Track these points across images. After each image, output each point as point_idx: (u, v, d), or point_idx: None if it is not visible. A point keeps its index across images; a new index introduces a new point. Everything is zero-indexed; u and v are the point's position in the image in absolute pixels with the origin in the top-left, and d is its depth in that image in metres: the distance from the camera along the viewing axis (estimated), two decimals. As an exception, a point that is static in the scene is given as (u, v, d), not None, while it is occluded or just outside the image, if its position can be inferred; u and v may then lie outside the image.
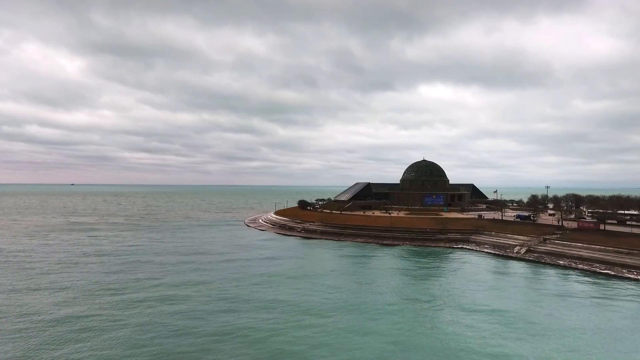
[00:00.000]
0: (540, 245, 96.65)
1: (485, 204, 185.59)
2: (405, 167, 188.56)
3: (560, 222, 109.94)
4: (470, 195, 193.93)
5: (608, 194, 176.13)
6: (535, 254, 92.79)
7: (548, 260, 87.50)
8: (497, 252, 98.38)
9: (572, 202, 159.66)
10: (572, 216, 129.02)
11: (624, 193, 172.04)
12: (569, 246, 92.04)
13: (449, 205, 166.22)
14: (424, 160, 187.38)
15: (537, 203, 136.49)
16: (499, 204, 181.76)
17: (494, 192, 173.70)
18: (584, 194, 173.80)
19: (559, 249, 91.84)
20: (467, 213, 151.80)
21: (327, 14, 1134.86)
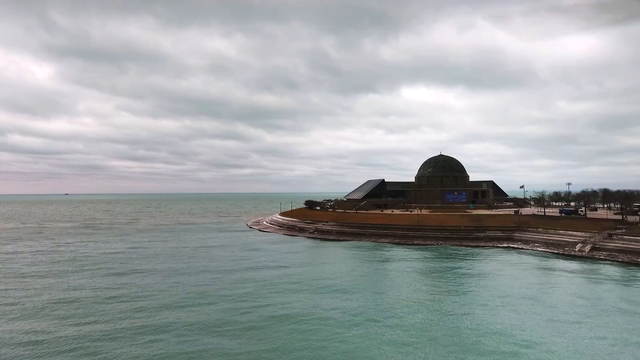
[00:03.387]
0: (607, 242, 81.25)
1: (507, 201, 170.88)
2: (398, 172, 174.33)
3: (623, 216, 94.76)
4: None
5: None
6: (604, 252, 77.36)
7: (625, 259, 72.12)
8: (554, 251, 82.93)
9: (600, 196, 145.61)
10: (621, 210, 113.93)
11: None
12: (646, 242, 76.71)
13: (473, 202, 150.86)
14: (441, 155, 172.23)
15: (585, 198, 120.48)
16: (523, 201, 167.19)
17: (521, 187, 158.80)
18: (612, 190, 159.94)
19: (634, 246, 76.42)
20: (495, 210, 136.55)
21: (295, 12, 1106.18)
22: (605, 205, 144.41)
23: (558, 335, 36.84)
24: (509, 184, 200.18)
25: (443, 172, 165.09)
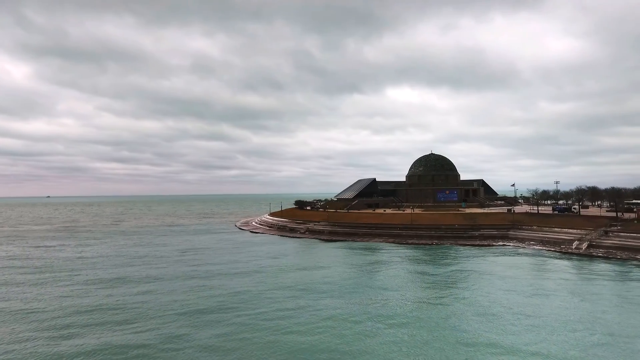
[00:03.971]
0: (604, 239, 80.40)
1: (498, 199, 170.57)
2: (385, 173, 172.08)
3: (617, 213, 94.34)
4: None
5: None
6: (602, 249, 76.39)
7: (624, 256, 71.15)
8: (550, 249, 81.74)
9: (588, 194, 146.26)
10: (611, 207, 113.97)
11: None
12: (643, 238, 75.90)
13: (464, 200, 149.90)
14: (432, 154, 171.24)
15: (579, 195, 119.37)
16: (514, 199, 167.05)
17: (512, 185, 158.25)
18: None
19: (631, 243, 75.61)
20: (487, 209, 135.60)
21: (277, 11, 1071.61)
22: (595, 203, 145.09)
23: (568, 335, 34.73)
24: (495, 184, 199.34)
25: (434, 170, 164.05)
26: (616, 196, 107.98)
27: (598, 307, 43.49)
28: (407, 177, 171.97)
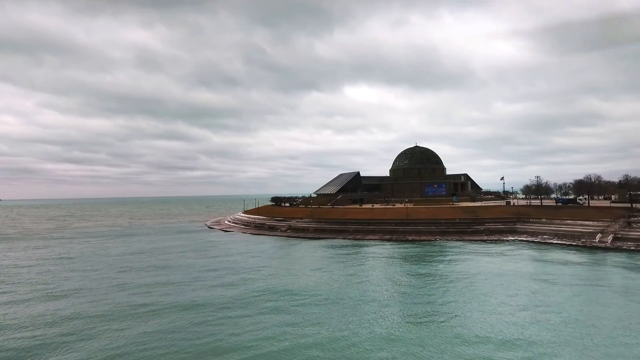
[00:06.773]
0: (629, 231, 72.09)
1: (485, 194, 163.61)
2: (353, 172, 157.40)
3: (632, 204, 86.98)
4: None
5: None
6: (631, 242, 67.81)
7: (660, 249, 62.59)
8: (570, 243, 72.60)
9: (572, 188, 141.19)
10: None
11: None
12: (674, 229, 67.96)
13: (454, 194, 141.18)
14: (417, 146, 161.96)
15: (587, 187, 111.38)
16: (501, 194, 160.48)
17: (501, 179, 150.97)
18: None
19: (663, 234, 67.37)
20: (482, 202, 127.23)
21: (219, 1, 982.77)
22: (585, 196, 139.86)
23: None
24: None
25: (420, 163, 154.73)
26: (623, 186, 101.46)
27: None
28: (392, 170, 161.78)
